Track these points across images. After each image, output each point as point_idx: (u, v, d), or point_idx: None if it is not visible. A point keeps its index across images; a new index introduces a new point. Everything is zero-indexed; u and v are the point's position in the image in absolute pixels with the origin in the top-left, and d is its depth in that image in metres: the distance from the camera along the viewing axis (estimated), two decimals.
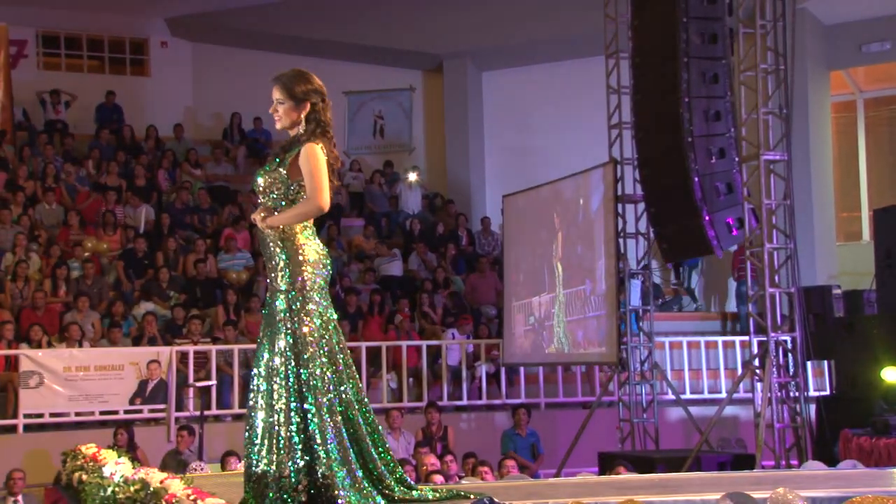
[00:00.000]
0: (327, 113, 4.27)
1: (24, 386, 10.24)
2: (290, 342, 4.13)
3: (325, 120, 4.24)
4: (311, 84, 4.26)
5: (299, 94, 4.23)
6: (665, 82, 9.52)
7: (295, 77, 4.26)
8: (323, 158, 4.16)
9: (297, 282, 4.16)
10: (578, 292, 10.98)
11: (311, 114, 4.24)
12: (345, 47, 16.37)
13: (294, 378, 4.11)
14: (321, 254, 4.24)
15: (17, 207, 12.90)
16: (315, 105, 4.24)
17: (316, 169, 4.13)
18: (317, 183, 4.13)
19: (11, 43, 15.43)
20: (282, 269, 4.19)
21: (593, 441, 10.57)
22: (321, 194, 4.12)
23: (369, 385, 11.51)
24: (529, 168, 14.65)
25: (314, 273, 4.19)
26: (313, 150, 4.16)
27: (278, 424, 4.08)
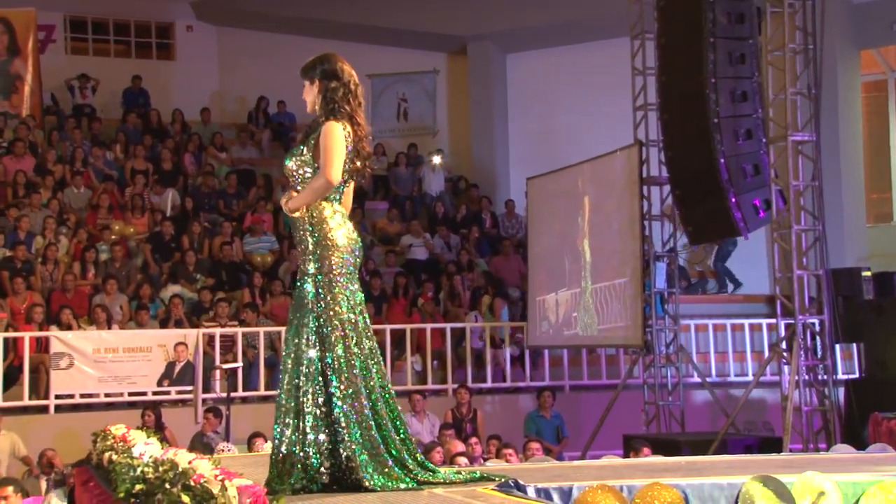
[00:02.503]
0: (340, 93, 4.22)
1: (55, 367, 10.37)
2: (317, 326, 4.16)
3: (336, 99, 4.22)
4: (326, 64, 4.27)
5: (312, 74, 4.28)
6: (691, 63, 9.44)
7: (315, 59, 4.30)
8: (339, 136, 4.14)
9: (325, 266, 4.17)
10: (603, 274, 10.95)
11: (326, 93, 4.24)
12: (369, 30, 16.35)
13: (319, 361, 4.14)
14: (351, 238, 4.24)
15: (47, 191, 13.02)
16: (328, 85, 4.23)
17: (328, 145, 4.13)
18: (327, 157, 4.14)
19: (40, 28, 15.53)
20: (311, 253, 4.21)
21: (618, 424, 10.56)
22: (328, 168, 4.12)
23: (393, 367, 11.55)
24: (553, 150, 14.59)
25: (343, 258, 4.19)
26: (330, 127, 4.17)
27: (304, 406, 4.12)
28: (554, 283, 11.79)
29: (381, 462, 4.11)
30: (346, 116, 4.22)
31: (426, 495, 4.10)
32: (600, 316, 10.99)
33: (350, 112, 4.23)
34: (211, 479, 3.37)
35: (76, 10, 16.95)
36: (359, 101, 4.29)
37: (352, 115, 4.23)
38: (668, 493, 4.41)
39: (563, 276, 11.60)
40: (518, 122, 16.49)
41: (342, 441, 4.06)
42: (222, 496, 3.25)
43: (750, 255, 13.39)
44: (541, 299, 12.00)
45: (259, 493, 3.18)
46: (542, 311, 11.95)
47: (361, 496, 4.04)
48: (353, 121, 4.23)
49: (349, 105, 4.23)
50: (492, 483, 4.29)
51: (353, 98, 4.26)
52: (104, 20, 17.26)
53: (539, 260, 12.23)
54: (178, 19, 17.42)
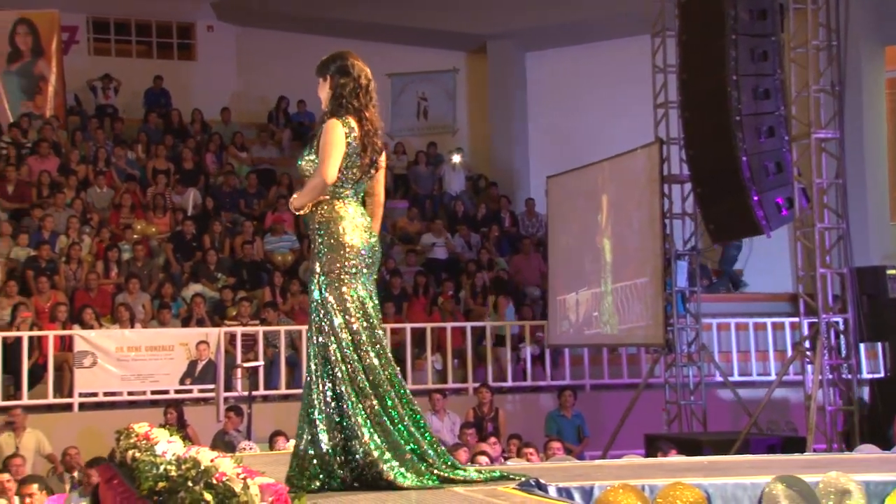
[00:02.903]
0: (348, 88, 4.22)
1: (79, 365, 10.44)
2: (324, 325, 4.17)
3: (344, 95, 4.22)
4: (339, 61, 4.29)
5: (325, 71, 4.30)
6: (712, 60, 9.38)
7: (328, 56, 4.33)
8: (335, 134, 4.13)
9: (332, 266, 4.18)
10: (624, 274, 10.91)
11: (336, 90, 4.25)
12: (388, 29, 16.36)
13: (325, 360, 4.16)
14: (364, 239, 4.22)
15: (70, 191, 13.12)
16: (338, 81, 4.25)
17: (325, 143, 4.13)
18: (322, 155, 4.13)
19: (63, 29, 15.65)
20: (319, 253, 4.22)
21: (639, 423, 10.52)
22: (323, 166, 4.11)
23: (414, 366, 11.56)
24: (574, 149, 14.54)
25: (352, 258, 4.19)
26: (327, 126, 4.17)
27: (316, 404, 4.15)
28: (574, 283, 11.75)
29: (401, 456, 4.11)
30: (353, 112, 4.21)
31: (447, 494, 4.10)
32: (621, 315, 10.95)
33: (358, 108, 4.21)
34: (233, 477, 3.38)
35: (99, 12, 17.07)
36: (370, 98, 4.27)
37: (360, 110, 4.21)
38: (691, 492, 4.39)
39: (584, 276, 11.56)
40: (538, 121, 16.46)
41: (356, 438, 4.08)
42: (244, 494, 3.26)
43: (772, 254, 13.31)
44: (561, 299, 11.97)
45: (281, 491, 3.19)
46: (563, 311, 11.91)
47: (383, 494, 4.04)
48: (360, 117, 4.21)
49: (357, 101, 4.22)
50: (512, 482, 4.28)
51: (364, 94, 4.25)
52: (126, 21, 17.38)
53: (559, 259, 12.19)
54: (198, 20, 17.51)
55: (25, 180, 13.30)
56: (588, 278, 11.48)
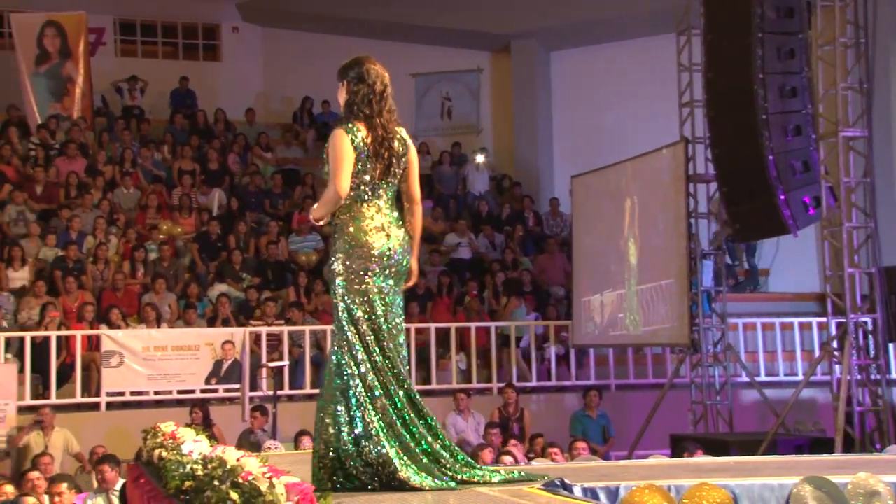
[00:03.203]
0: (360, 94, 4.24)
1: (106, 365, 10.53)
2: (338, 325, 4.22)
3: (356, 101, 4.25)
4: (356, 67, 4.30)
5: (342, 76, 4.33)
6: (738, 59, 9.32)
7: (348, 61, 4.35)
8: (339, 143, 4.16)
9: (345, 268, 4.20)
10: (649, 276, 10.86)
11: (350, 95, 4.29)
12: (413, 29, 16.38)
13: (337, 361, 4.20)
14: (378, 240, 4.22)
15: (97, 192, 13.22)
16: (352, 87, 4.28)
17: (332, 156, 4.18)
18: (331, 167, 4.19)
19: (90, 31, 15.78)
20: (335, 256, 4.26)
21: (665, 423, 10.47)
22: (334, 179, 4.16)
23: (438, 366, 11.57)
24: (598, 148, 14.50)
25: (365, 260, 4.20)
26: (333, 135, 4.22)
27: (333, 404, 4.20)
28: (599, 285, 11.71)
29: (414, 457, 4.12)
30: (364, 119, 4.23)
31: (471, 494, 4.09)
32: (646, 316, 10.90)
33: (369, 114, 4.24)
34: (259, 476, 3.39)
35: (125, 13, 17.21)
36: (385, 104, 4.28)
37: (371, 117, 4.23)
38: (717, 493, 4.36)
39: (609, 277, 11.52)
40: (562, 120, 16.41)
41: (369, 438, 4.10)
42: (270, 494, 3.27)
43: (799, 254, 13.20)
44: (586, 300, 11.93)
45: (306, 491, 3.20)
46: (588, 312, 11.88)
47: (407, 495, 4.05)
48: (371, 123, 4.23)
49: (369, 108, 4.24)
50: (532, 482, 4.27)
51: (378, 100, 4.27)
52: (152, 22, 17.52)
53: (584, 260, 12.16)
54: (224, 21, 17.62)
55: (53, 181, 13.42)
56: (613, 280, 11.44)
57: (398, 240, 4.30)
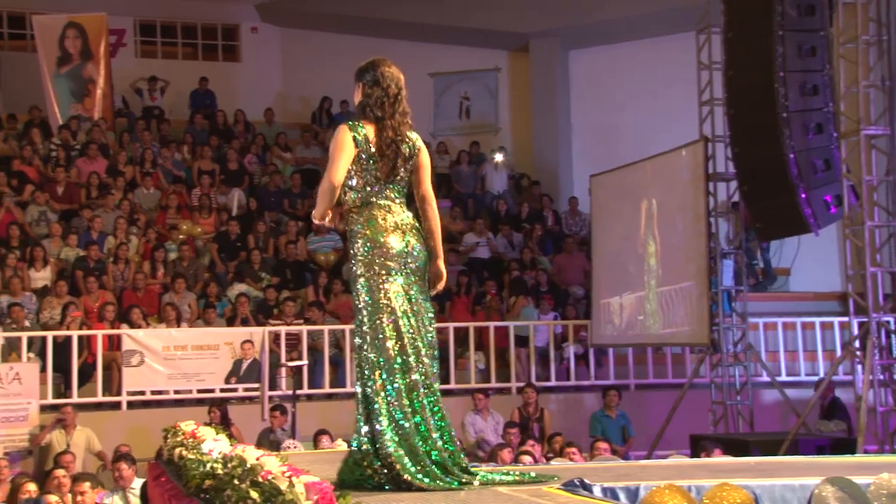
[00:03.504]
0: (373, 97, 4.30)
1: (127, 364, 10.59)
2: (358, 326, 4.26)
3: (369, 104, 4.31)
4: (371, 69, 4.36)
5: (358, 78, 4.39)
6: (759, 57, 9.27)
7: (365, 63, 4.41)
8: (340, 138, 4.24)
9: (365, 269, 4.24)
10: (668, 277, 10.81)
11: (363, 97, 4.36)
12: (431, 29, 16.38)
13: (359, 359, 4.26)
14: (393, 240, 4.25)
15: (118, 192, 13.30)
16: (366, 89, 4.34)
17: (332, 147, 4.27)
18: (329, 158, 4.26)
19: (111, 32, 15.88)
20: (354, 259, 4.31)
21: (685, 423, 10.42)
22: (328, 170, 4.23)
23: (457, 366, 11.56)
24: (617, 147, 14.45)
25: (384, 260, 4.22)
26: (336, 130, 4.31)
27: (357, 402, 4.26)
28: (618, 286, 11.67)
29: (416, 458, 4.13)
30: (375, 121, 4.29)
31: (491, 494, 4.09)
32: (666, 316, 10.86)
33: (381, 117, 4.29)
34: (279, 475, 3.40)
35: (146, 14, 17.32)
36: (398, 106, 4.32)
37: (381, 119, 4.28)
38: (738, 493, 4.32)
39: (628, 280, 11.48)
40: (581, 119, 16.37)
41: (379, 436, 4.14)
42: (290, 492, 3.28)
43: (820, 253, 13.12)
44: (605, 302, 11.90)
45: (326, 490, 3.20)
46: (608, 314, 11.85)
47: (427, 494, 4.04)
48: (381, 125, 4.28)
49: (381, 110, 4.29)
50: (544, 483, 4.26)
51: (392, 103, 4.31)
52: (172, 23, 17.62)
53: (603, 262, 12.12)
54: (243, 21, 17.69)
55: (75, 182, 13.51)
56: (632, 282, 11.39)
57: (415, 238, 4.33)
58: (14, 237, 12.02)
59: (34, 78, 15.09)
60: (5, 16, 16.77)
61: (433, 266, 4.41)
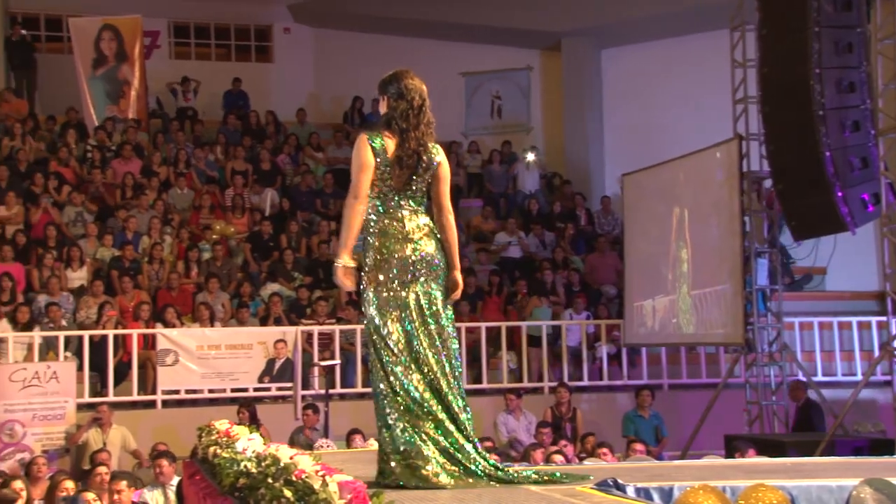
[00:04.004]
0: (399, 110, 4.36)
1: (161, 363, 10.68)
2: (368, 335, 4.41)
3: (395, 117, 4.36)
4: (395, 82, 4.41)
5: (383, 91, 4.46)
6: (794, 54, 9.16)
7: (387, 76, 4.47)
8: (358, 149, 4.33)
9: (374, 277, 4.35)
10: (702, 271, 10.73)
11: (389, 110, 4.42)
12: (462, 28, 16.38)
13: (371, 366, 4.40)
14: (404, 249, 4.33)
15: (153, 192, 13.42)
16: (392, 102, 4.40)
17: (353, 163, 4.37)
18: (352, 174, 4.37)
19: (145, 34, 16.04)
20: (366, 266, 4.41)
21: (719, 424, 10.34)
22: (353, 189, 4.33)
23: (489, 365, 11.55)
24: (650, 146, 14.35)
25: (385, 268, 4.33)
26: (356, 143, 4.38)
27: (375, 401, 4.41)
28: (651, 290, 11.60)
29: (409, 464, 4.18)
30: (399, 132, 4.35)
31: (523, 493, 4.08)
32: (699, 316, 10.78)
33: (405, 128, 4.35)
34: (312, 474, 3.41)
35: (179, 16, 17.47)
36: (422, 117, 4.38)
37: (406, 130, 4.35)
38: (774, 494, 4.28)
39: (661, 282, 11.40)
40: (613, 118, 16.29)
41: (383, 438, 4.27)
42: (323, 491, 3.28)
43: (857, 251, 12.95)
44: (638, 305, 11.83)
45: (359, 489, 3.20)
46: (640, 317, 11.79)
47: (460, 493, 4.04)
48: (405, 136, 4.34)
49: (406, 122, 4.35)
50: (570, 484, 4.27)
51: (416, 114, 4.37)
52: (206, 25, 17.76)
53: (636, 262, 12.05)
54: (275, 22, 17.80)
55: (110, 182, 13.65)
56: (665, 285, 11.32)
57: (427, 247, 4.39)
58: (51, 237, 12.17)
59: (70, 80, 15.28)
60: (42, 18, 16.99)
61: (450, 276, 4.47)
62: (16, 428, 9.82)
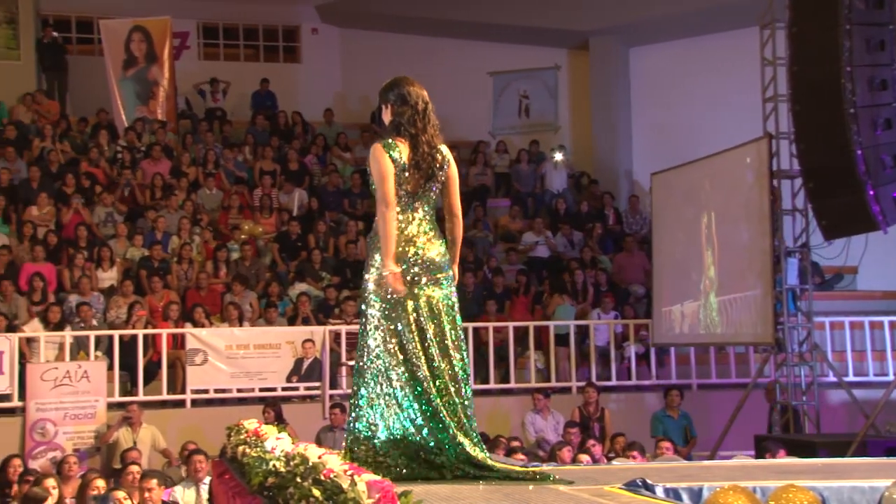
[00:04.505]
0: (406, 116, 4.46)
1: (191, 363, 10.76)
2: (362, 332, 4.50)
3: (402, 123, 4.47)
4: (396, 89, 4.52)
5: (385, 99, 4.57)
6: (825, 51, 9.08)
7: (387, 84, 4.58)
8: (376, 158, 4.41)
9: (378, 277, 4.40)
10: (732, 271, 10.66)
11: (395, 117, 4.51)
12: (490, 28, 16.36)
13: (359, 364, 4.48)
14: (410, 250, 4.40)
15: (182, 193, 13.51)
16: (397, 109, 4.50)
17: (374, 173, 4.45)
18: (376, 185, 4.44)
19: (175, 35, 16.15)
20: (372, 266, 4.47)
21: (748, 424, 10.27)
22: (378, 195, 4.40)
23: (517, 365, 11.54)
24: (679, 145, 14.28)
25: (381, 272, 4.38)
26: (372, 150, 4.47)
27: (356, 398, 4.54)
28: (679, 295, 11.54)
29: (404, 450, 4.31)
30: (409, 137, 4.45)
31: (552, 493, 4.08)
32: (728, 318, 10.70)
33: (414, 133, 4.45)
34: (341, 473, 3.42)
35: (209, 17, 17.59)
36: (428, 120, 4.48)
37: (416, 136, 4.45)
38: (805, 495, 4.23)
39: (689, 288, 11.33)
40: (641, 117, 16.21)
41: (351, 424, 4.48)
42: (352, 491, 3.29)
43: (889, 251, 12.79)
44: (667, 310, 11.76)
45: (388, 488, 3.21)
46: (668, 320, 11.73)
47: (492, 489, 4.04)
48: (416, 141, 4.44)
49: (414, 127, 4.46)
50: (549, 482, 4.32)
51: (421, 119, 4.47)
52: (234, 26, 17.87)
53: (664, 264, 11.99)
54: (303, 22, 17.88)
55: (140, 183, 13.77)
56: (693, 290, 11.24)
57: (430, 250, 4.45)
58: (82, 238, 12.29)
59: (101, 81, 15.42)
60: (74, 20, 17.16)
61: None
62: (47, 427, 9.93)
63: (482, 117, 16.77)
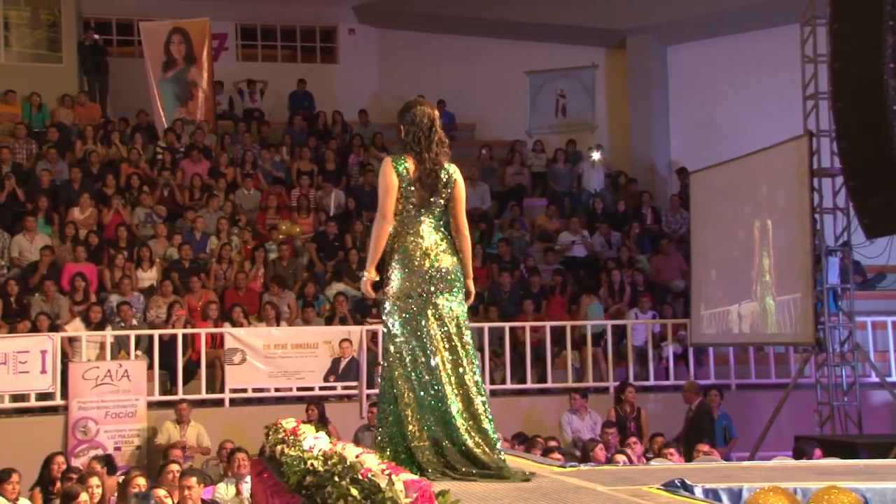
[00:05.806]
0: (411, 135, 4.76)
1: (229, 362, 10.85)
2: (385, 342, 4.78)
3: (408, 141, 4.78)
4: (408, 111, 4.84)
5: (399, 118, 4.90)
6: (867, 48, 8.96)
7: (404, 105, 4.92)
8: (387, 171, 4.72)
9: (395, 289, 4.74)
10: (773, 270, 10.54)
11: (404, 136, 4.83)
12: (527, 27, 16.33)
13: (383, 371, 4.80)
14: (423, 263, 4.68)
15: (220, 193, 13.62)
16: (406, 129, 4.81)
17: (379, 184, 4.78)
18: (379, 196, 4.75)
19: (213, 36, 16.30)
20: (388, 278, 4.78)
21: (788, 424, 10.17)
22: (378, 206, 4.73)
23: (554, 364, 11.50)
24: (717, 143, 14.15)
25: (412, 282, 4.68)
26: (382, 165, 4.80)
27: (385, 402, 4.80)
28: (720, 298, 11.42)
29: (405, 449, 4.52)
30: (414, 154, 4.74)
31: (590, 493, 4.06)
32: (768, 318, 10.59)
33: (419, 151, 4.74)
34: (378, 473, 3.43)
35: (247, 18, 17.74)
36: (433, 138, 4.75)
37: (420, 152, 4.74)
38: (847, 497, 4.18)
39: (731, 291, 11.22)
40: (679, 116, 16.09)
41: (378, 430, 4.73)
42: (389, 490, 3.31)
43: None
44: (706, 314, 11.66)
45: (425, 487, 3.22)
46: (707, 322, 11.62)
47: (526, 494, 4.03)
48: (420, 157, 4.73)
49: (418, 145, 4.75)
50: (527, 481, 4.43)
51: (426, 136, 4.76)
52: (272, 27, 18.01)
53: (703, 265, 11.88)
54: (340, 23, 17.96)
55: (179, 183, 13.90)
56: (735, 288, 11.12)
57: (444, 261, 4.71)
58: (122, 238, 12.44)
59: (141, 83, 15.60)
60: (114, 23, 17.38)
61: (464, 284, 4.80)
62: (89, 425, 10.07)
63: (519, 117, 16.73)
